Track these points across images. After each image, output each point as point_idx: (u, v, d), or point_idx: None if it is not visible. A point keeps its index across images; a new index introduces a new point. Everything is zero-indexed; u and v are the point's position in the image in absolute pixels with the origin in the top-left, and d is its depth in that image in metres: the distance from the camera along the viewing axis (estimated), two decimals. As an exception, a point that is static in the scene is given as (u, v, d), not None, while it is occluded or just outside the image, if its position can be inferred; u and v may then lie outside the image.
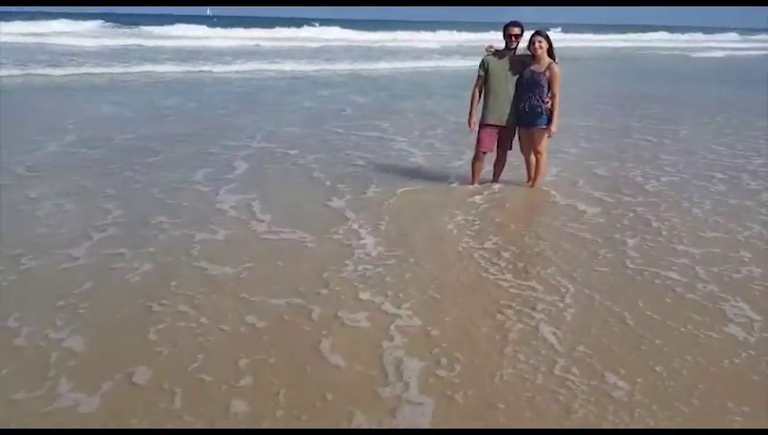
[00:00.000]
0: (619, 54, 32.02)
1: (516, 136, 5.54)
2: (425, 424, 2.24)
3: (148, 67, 16.93)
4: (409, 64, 20.85)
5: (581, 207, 5.07)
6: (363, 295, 3.27)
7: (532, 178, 5.66)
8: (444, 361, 2.65)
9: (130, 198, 5.04)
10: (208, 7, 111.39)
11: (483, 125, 5.48)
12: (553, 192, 5.52)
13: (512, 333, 2.91)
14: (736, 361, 2.70)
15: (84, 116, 9.01)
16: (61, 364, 2.57)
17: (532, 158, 5.58)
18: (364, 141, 7.60)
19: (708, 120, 9.97)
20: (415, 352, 2.72)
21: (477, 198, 5.27)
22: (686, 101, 12.90)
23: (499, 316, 3.08)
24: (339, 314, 3.05)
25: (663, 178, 6.04)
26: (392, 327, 2.92)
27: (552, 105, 5.24)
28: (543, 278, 3.55)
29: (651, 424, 2.24)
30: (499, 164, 5.74)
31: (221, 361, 2.61)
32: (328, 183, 5.56)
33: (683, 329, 2.97)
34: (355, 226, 4.38)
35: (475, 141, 5.54)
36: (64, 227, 4.32)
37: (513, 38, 5.28)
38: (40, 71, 15.23)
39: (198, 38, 30.95)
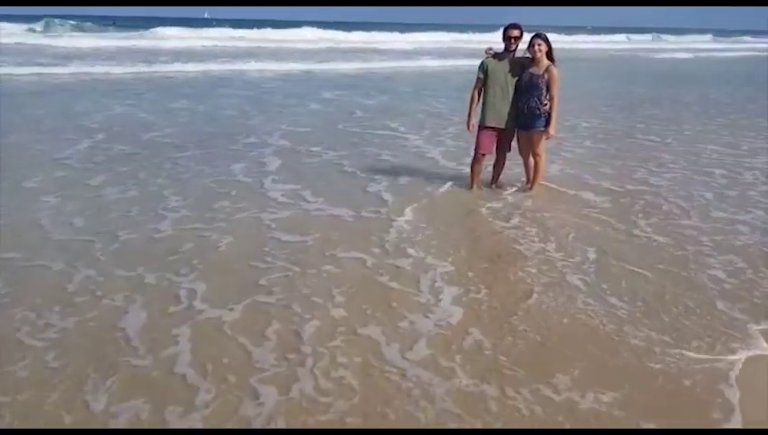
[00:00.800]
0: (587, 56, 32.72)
1: (515, 138, 5.70)
2: (451, 321, 3.24)
3: (148, 68, 17.95)
4: (391, 64, 22.52)
5: (592, 197, 5.66)
6: (410, 251, 4.24)
7: (530, 180, 5.83)
8: (475, 288, 3.66)
9: (184, 188, 5.75)
10: (206, 10, 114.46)
11: (482, 127, 5.60)
12: (562, 188, 5.92)
13: (541, 280, 3.82)
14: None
15: (103, 116, 9.68)
16: (189, 298, 3.47)
17: (531, 160, 5.72)
18: (380, 139, 8.36)
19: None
20: (452, 284, 3.72)
21: (496, 193, 5.77)
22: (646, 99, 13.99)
23: (529, 270, 3.99)
24: (392, 262, 4.03)
25: (667, 175, 6.62)
26: (433, 271, 3.91)
27: (550, 107, 5.36)
28: (564, 245, 4.43)
29: (641, 327, 3.18)
30: (498, 166, 5.87)
31: (325, 293, 3.55)
32: (360, 174, 6.37)
33: (684, 273, 3.94)
34: (395, 205, 5.29)
35: (473, 144, 5.73)
36: (135, 210, 5.10)
37: (513, 40, 5.39)
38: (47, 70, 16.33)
39: (184, 38, 32.14)
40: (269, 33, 38.60)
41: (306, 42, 34.67)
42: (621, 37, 57.38)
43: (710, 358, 2.91)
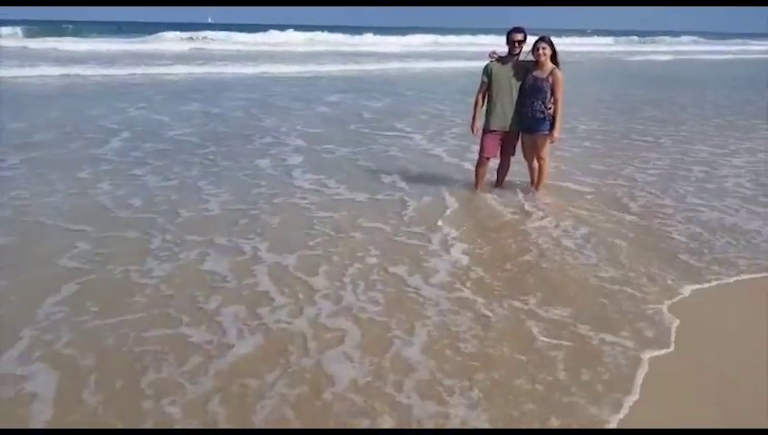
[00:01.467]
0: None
1: (519, 141, 5.87)
2: (459, 264, 4.32)
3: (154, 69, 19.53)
4: (384, 66, 24.53)
5: (583, 188, 6.39)
6: (422, 221, 5.33)
7: (535, 183, 5.99)
8: (478, 245, 4.74)
9: (218, 179, 6.62)
10: (209, 15, 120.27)
11: (486, 131, 5.75)
12: (554, 181, 6.46)
13: (533, 241, 4.88)
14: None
15: (121, 118, 10.52)
16: (254, 251, 4.51)
17: (535, 163, 5.84)
18: (389, 139, 9.26)
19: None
20: (460, 242, 4.79)
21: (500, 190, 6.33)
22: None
23: (526, 236, 5.04)
24: (408, 229, 5.13)
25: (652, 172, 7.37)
26: (443, 234, 5.00)
27: (554, 111, 5.47)
28: (555, 220, 5.42)
29: (600, 271, 4.22)
30: (503, 169, 6.05)
31: (359, 248, 4.65)
32: (373, 167, 7.37)
33: (650, 239, 5.00)
34: (407, 190, 6.30)
35: (478, 147, 5.96)
36: (181, 195, 6.01)
37: (517, 44, 5.51)
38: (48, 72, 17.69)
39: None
40: (260, 36, 40.50)
41: (293, 45, 37.19)
42: (609, 39, 58.72)
43: (654, 289, 3.97)
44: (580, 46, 42.51)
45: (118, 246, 4.63)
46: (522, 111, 5.59)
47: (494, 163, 6.23)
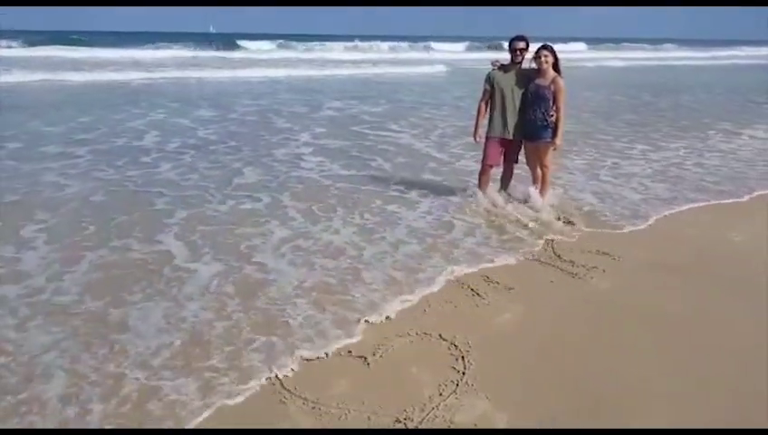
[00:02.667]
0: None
1: (522, 149, 5.89)
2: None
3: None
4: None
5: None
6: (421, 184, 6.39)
7: (538, 192, 5.91)
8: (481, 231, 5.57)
9: (252, 164, 7.98)
10: (211, 25, 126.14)
11: (489, 138, 5.80)
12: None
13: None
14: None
15: (145, 121, 11.51)
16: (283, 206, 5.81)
17: (539, 171, 5.87)
18: (385, 137, 10.25)
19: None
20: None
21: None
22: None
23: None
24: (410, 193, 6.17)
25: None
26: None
27: (557, 118, 5.48)
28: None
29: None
30: (506, 177, 6.12)
31: (380, 198, 5.85)
32: (380, 160, 8.43)
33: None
34: (404, 172, 7.29)
35: (481, 155, 6.00)
36: (226, 175, 7.41)
37: (519, 52, 5.57)
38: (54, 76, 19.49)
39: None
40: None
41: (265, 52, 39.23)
42: (581, 45, 59.74)
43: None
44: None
45: (188, 200, 6.22)
46: (524, 119, 5.64)
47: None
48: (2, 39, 35.76)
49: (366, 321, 3.62)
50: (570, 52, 39.82)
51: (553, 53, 5.50)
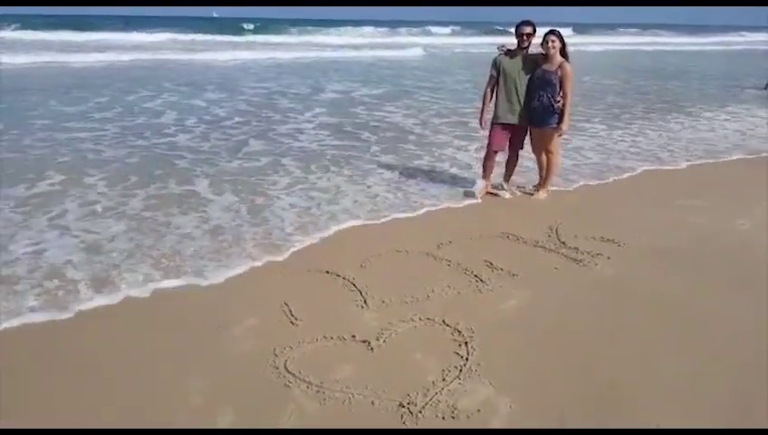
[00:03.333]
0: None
1: (528, 135, 5.86)
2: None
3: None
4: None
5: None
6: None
7: (543, 177, 6.01)
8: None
9: (263, 136, 8.84)
10: (214, 10, 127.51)
11: (494, 124, 5.77)
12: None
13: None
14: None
15: (160, 102, 12.06)
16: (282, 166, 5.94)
17: (544, 157, 5.89)
18: (382, 117, 10.37)
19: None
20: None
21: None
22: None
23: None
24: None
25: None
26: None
27: (563, 104, 5.45)
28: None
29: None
30: (511, 163, 6.07)
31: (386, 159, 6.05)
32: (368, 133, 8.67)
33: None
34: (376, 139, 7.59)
35: (486, 141, 5.95)
36: (234, 142, 8.43)
37: (525, 37, 5.50)
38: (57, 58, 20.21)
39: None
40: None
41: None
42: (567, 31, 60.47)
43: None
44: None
45: (207, 161, 7.42)
46: (530, 105, 5.60)
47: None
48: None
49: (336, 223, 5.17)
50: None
51: (561, 38, 5.47)
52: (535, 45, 5.69)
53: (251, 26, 46.30)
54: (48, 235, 4.83)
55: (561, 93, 5.49)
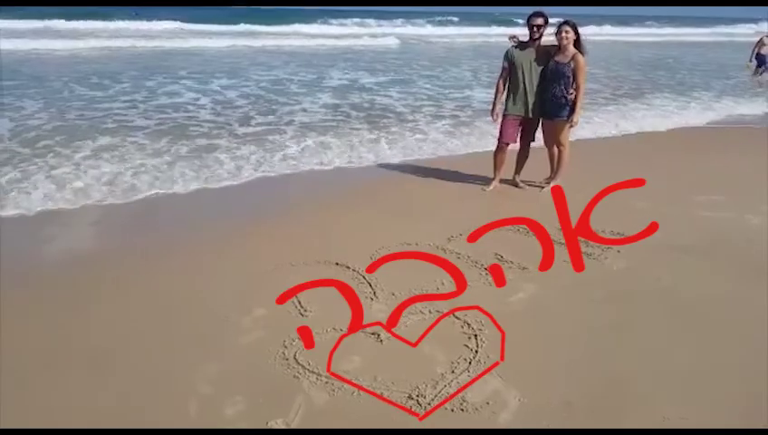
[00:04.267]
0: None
1: (539, 128, 5.82)
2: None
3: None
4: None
5: None
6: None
7: (553, 170, 5.98)
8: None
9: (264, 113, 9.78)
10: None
11: (506, 117, 5.71)
12: None
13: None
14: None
15: (176, 87, 12.76)
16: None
17: (555, 150, 5.85)
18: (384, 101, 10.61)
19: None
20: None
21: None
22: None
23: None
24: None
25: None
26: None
27: (576, 96, 5.41)
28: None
29: None
30: (522, 156, 6.00)
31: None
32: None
33: None
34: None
35: (497, 133, 5.89)
36: (242, 118, 9.51)
37: (536, 28, 5.43)
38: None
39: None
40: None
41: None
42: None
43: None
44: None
45: (224, 127, 9.17)
46: (543, 97, 5.57)
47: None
48: None
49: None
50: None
51: (575, 29, 5.40)
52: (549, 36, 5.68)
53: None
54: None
55: (573, 85, 5.45)
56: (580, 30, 5.54)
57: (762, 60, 16.66)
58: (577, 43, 5.45)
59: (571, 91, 5.44)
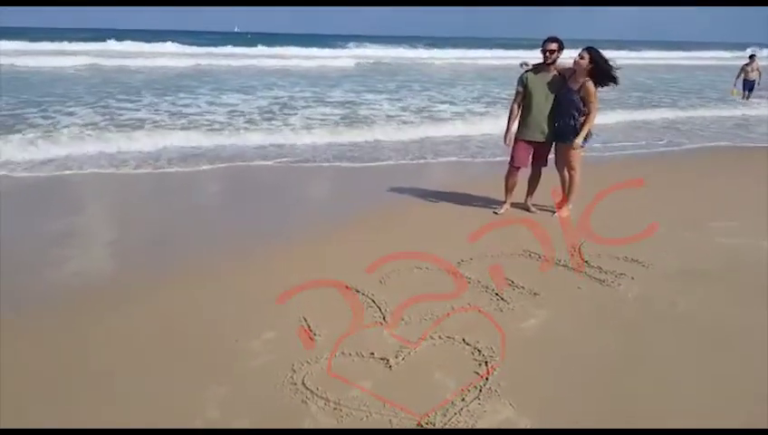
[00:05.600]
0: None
1: (552, 151, 5.88)
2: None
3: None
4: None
5: None
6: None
7: (564, 195, 5.99)
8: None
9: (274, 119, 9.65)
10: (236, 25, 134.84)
11: (518, 140, 5.77)
12: None
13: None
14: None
15: (195, 100, 13.37)
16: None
17: (566, 174, 5.89)
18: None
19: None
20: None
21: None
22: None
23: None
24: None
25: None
26: None
27: (583, 122, 5.50)
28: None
29: None
30: (533, 180, 6.03)
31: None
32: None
33: None
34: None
35: (509, 157, 5.92)
36: (254, 121, 10.82)
37: (549, 54, 5.51)
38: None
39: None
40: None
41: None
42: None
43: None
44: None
45: (242, 126, 10.74)
46: (554, 122, 5.66)
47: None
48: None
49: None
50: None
51: (591, 55, 5.42)
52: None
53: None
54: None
55: (584, 111, 5.53)
56: (607, 55, 5.54)
57: (750, 85, 17.53)
58: (593, 70, 5.45)
59: (580, 117, 5.53)
